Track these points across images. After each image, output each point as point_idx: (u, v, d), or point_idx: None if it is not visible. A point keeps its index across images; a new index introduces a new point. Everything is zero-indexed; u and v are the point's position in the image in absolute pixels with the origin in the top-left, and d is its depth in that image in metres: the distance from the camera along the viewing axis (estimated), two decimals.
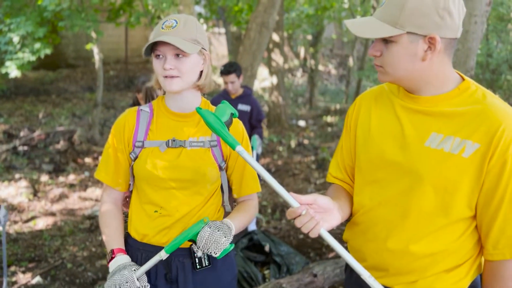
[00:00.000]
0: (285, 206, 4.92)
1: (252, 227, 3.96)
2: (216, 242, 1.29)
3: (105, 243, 1.48)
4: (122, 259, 1.40)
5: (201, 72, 1.45)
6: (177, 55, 1.36)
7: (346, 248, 1.39)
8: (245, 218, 1.48)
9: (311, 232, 1.10)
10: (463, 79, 1.19)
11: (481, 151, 1.07)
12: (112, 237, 1.46)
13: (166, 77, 1.37)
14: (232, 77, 3.88)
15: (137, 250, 1.48)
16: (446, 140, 1.12)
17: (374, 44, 1.16)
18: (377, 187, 1.25)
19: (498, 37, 6.87)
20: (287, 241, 3.89)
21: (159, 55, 1.37)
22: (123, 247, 1.45)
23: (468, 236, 1.18)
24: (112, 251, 1.42)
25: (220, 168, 1.49)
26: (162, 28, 1.36)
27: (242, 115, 3.91)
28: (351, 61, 11.16)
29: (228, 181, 1.55)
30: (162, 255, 1.33)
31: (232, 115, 1.28)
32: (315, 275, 2.49)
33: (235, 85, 3.92)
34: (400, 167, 1.19)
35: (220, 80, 11.52)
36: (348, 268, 1.42)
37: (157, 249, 1.41)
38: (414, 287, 1.21)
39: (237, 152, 1.20)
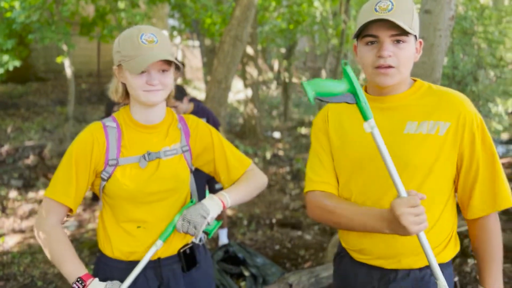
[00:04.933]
0: (260, 217, 4.93)
1: (225, 240, 3.94)
2: (194, 222, 1.38)
3: (65, 272, 1.36)
4: (98, 283, 1.35)
5: None
6: (163, 70, 1.38)
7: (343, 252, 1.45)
8: (247, 187, 1.55)
9: (419, 227, 1.07)
10: (414, 80, 1.36)
11: (453, 128, 1.25)
12: (74, 264, 1.37)
13: (148, 90, 1.37)
14: (171, 103, 3.71)
15: (124, 270, 1.42)
16: (421, 125, 1.26)
17: (387, 46, 1.22)
18: (365, 184, 1.32)
19: (463, 50, 7.14)
20: (263, 252, 3.89)
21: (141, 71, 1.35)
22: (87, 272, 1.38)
23: (451, 208, 1.33)
24: (82, 280, 1.34)
25: (191, 171, 1.55)
26: (144, 43, 1.33)
27: None
28: (323, 74, 11.37)
29: (212, 176, 1.60)
30: (158, 244, 1.42)
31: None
32: (290, 285, 2.50)
33: (178, 109, 3.71)
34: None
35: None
36: (336, 260, 1.50)
37: (148, 263, 1.43)
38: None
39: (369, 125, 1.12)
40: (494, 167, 1.27)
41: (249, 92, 9.26)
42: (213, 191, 3.95)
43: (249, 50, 8.90)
